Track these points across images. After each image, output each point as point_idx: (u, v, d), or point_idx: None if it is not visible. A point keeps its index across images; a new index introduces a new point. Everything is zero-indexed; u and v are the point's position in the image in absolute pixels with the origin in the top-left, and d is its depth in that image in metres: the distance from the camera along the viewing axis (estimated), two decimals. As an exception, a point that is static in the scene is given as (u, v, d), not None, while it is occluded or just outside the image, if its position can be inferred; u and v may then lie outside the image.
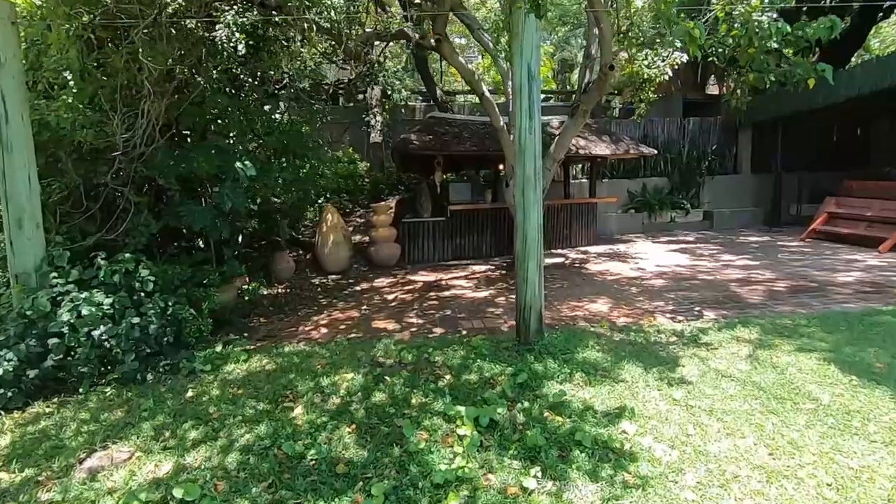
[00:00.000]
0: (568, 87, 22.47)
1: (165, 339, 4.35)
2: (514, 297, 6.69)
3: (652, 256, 9.14)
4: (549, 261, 8.93)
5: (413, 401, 3.45)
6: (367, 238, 9.51)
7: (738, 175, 13.84)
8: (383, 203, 9.22)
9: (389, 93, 11.22)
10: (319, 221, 8.60)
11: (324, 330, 5.34)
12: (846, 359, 3.89)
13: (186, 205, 5.18)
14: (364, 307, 6.27)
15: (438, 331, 5.10)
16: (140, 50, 4.64)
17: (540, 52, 4.06)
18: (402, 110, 13.94)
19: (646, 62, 9.10)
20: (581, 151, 9.89)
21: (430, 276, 8.06)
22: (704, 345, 4.31)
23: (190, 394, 3.76)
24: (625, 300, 5.97)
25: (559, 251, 10.17)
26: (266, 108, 6.34)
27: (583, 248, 10.44)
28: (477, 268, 8.70)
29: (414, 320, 5.50)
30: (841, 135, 13.27)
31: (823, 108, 10.43)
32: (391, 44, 10.64)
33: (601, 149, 10.18)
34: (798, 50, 4.68)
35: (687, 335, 4.56)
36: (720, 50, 5.52)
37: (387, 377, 3.85)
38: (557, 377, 3.75)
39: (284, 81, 8.50)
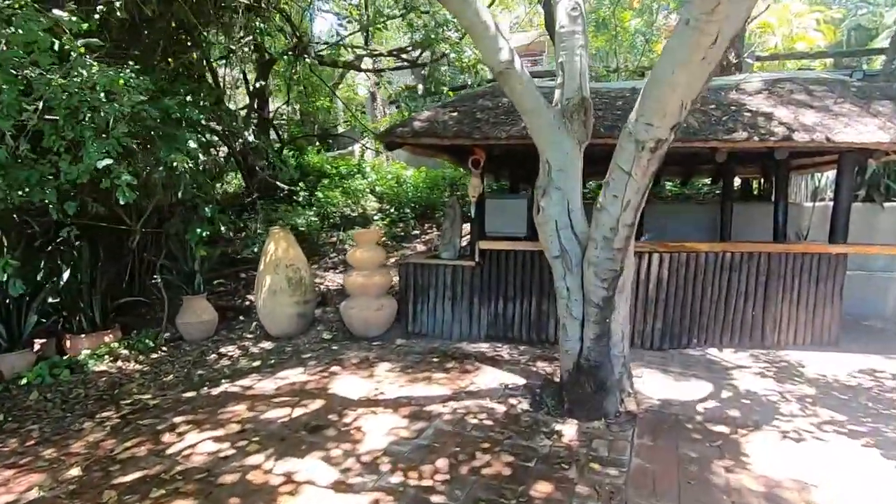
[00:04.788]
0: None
1: None
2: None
3: None
4: (658, 392, 3.83)
5: None
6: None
7: None
8: (366, 230, 5.46)
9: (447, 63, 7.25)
10: (260, 255, 5.41)
11: None
12: None
13: None
14: (85, 467, 2.80)
15: None
16: None
17: None
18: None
19: None
20: (800, 136, 4.28)
21: (359, 387, 3.99)
22: None
23: None
24: None
25: (720, 358, 4.63)
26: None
27: (790, 357, 4.61)
28: (495, 377, 4.22)
29: None
30: None
31: None
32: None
33: (861, 132, 4.30)
34: None
35: None
36: None
37: None
38: None
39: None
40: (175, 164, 3.91)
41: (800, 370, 4.28)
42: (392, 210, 9.24)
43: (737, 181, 8.53)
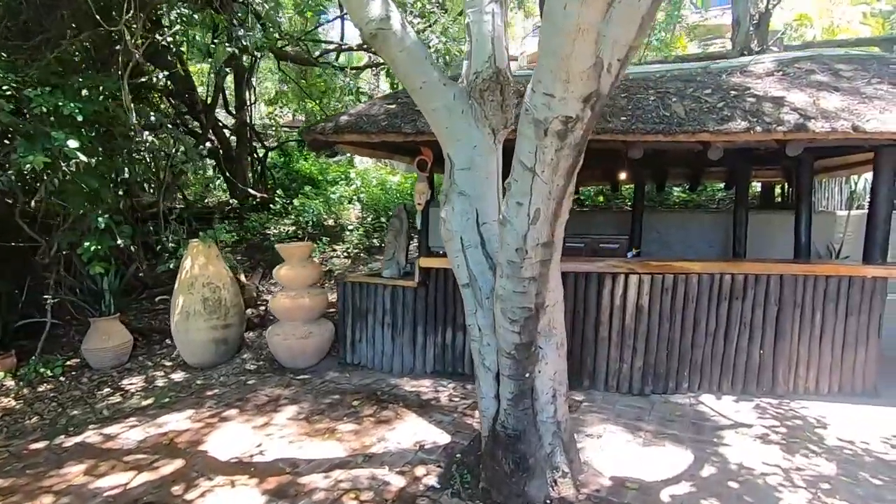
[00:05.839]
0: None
1: None
2: None
3: None
4: (615, 464, 2.87)
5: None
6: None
7: None
8: (294, 243, 4.70)
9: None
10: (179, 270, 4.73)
11: None
12: None
13: None
14: None
15: None
16: None
17: None
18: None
19: None
20: (818, 125, 3.29)
21: (242, 441, 3.19)
22: None
23: None
24: None
25: (714, 409, 3.62)
26: None
27: (809, 411, 3.56)
28: (415, 431, 3.37)
29: None
30: None
31: None
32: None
33: (903, 116, 3.26)
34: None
35: None
36: None
37: None
38: None
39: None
40: (29, 166, 3.26)
41: (818, 433, 3.24)
42: (369, 219, 8.51)
43: (757, 186, 7.40)
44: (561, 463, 2.53)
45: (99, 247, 4.05)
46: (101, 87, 4.21)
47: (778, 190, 6.88)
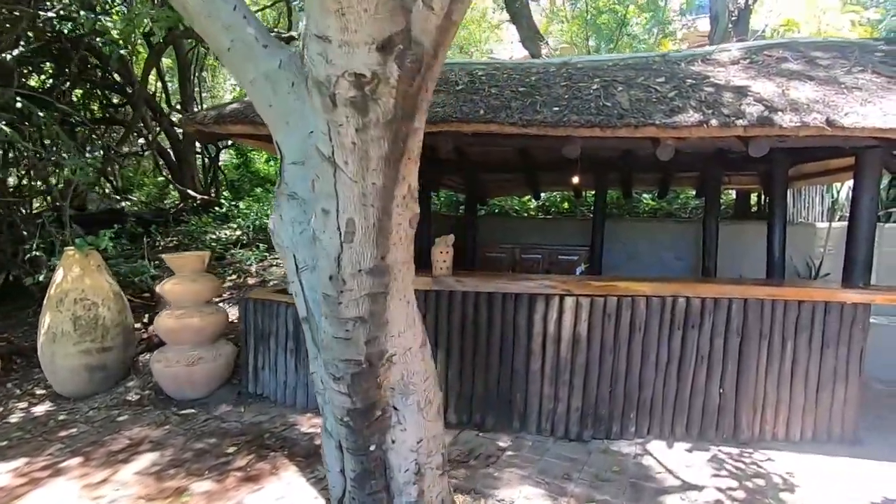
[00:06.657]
0: None
1: None
2: None
3: None
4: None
5: None
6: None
7: None
8: (185, 253, 4.03)
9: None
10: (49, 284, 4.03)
11: None
12: None
13: None
14: None
15: None
16: None
17: None
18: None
19: None
20: (785, 118, 2.67)
21: (62, 509, 2.52)
22: None
23: None
24: None
25: (662, 462, 2.95)
26: None
27: (776, 464, 2.91)
28: (285, 493, 2.69)
29: None
30: None
31: None
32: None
33: (889, 113, 2.64)
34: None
35: None
36: None
37: None
38: None
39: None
40: None
41: (784, 498, 2.61)
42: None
43: (733, 195, 6.82)
44: (428, 562, 1.88)
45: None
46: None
47: (754, 199, 6.30)
